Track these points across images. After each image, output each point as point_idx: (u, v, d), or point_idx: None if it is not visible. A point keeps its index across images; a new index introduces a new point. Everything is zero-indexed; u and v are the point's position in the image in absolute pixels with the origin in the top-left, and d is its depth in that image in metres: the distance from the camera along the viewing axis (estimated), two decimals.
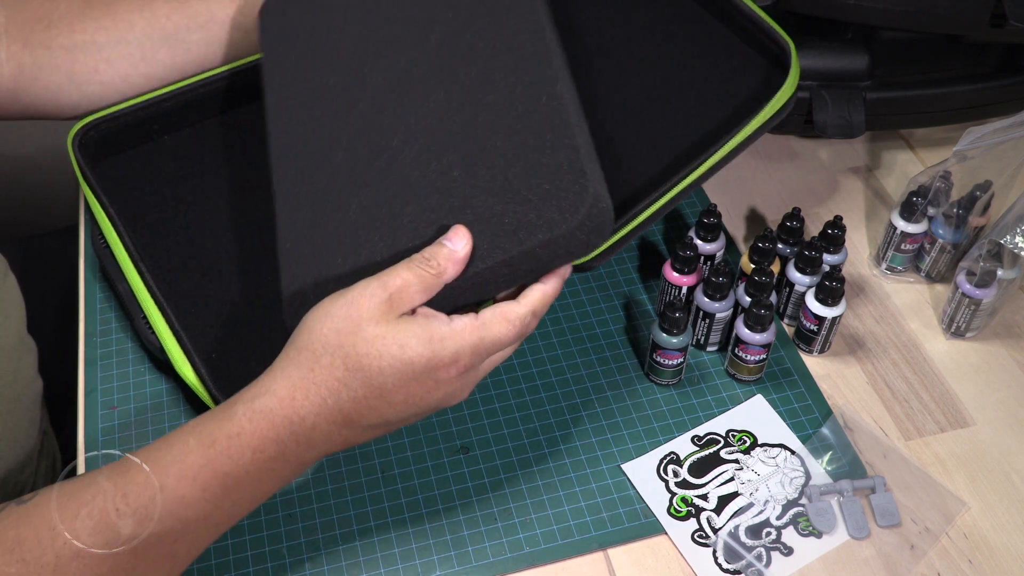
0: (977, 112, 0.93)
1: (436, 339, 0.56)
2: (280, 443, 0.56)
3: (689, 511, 0.70)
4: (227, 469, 0.55)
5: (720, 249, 0.79)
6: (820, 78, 0.90)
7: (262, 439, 0.56)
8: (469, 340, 0.56)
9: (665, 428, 0.75)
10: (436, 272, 0.57)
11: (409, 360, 0.55)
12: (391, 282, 0.56)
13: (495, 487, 0.71)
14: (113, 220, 0.78)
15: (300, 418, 0.56)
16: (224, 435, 0.55)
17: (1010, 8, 0.83)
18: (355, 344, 0.55)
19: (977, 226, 0.82)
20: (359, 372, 0.55)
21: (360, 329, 0.55)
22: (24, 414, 0.79)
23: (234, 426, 0.56)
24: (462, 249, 0.58)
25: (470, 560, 0.67)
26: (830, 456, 0.73)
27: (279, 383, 0.56)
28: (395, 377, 0.56)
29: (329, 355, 0.56)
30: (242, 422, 0.56)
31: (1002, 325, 0.82)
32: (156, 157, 0.87)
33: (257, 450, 0.56)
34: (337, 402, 0.56)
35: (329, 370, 0.56)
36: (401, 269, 0.57)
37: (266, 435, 0.56)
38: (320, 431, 0.56)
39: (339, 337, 0.55)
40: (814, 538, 0.69)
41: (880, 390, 0.78)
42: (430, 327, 0.56)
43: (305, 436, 0.56)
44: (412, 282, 0.56)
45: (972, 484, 0.72)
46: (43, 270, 1.04)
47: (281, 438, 0.56)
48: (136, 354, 0.78)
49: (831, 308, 0.75)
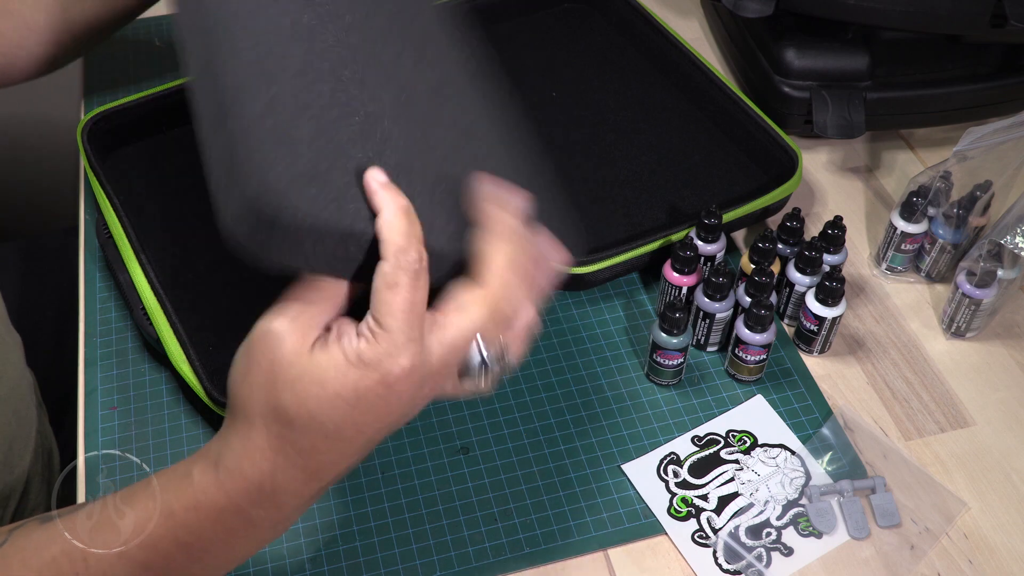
0: (977, 112, 0.93)
1: (351, 360, 0.47)
2: (241, 512, 0.51)
3: (689, 511, 0.70)
4: (188, 539, 0.51)
5: (720, 249, 0.79)
6: (820, 78, 0.90)
7: (221, 511, 0.51)
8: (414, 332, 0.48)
9: (665, 428, 0.75)
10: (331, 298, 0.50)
11: (336, 394, 0.48)
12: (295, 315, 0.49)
13: (495, 487, 0.71)
14: (118, 211, 0.78)
15: (256, 486, 0.50)
16: (182, 507, 0.51)
17: (1010, 8, 0.83)
18: (277, 398, 0.48)
19: (977, 226, 0.82)
20: (294, 424, 0.48)
21: (276, 378, 0.48)
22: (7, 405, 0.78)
23: (191, 498, 0.51)
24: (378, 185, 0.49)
25: (470, 560, 0.67)
26: (830, 456, 0.73)
27: (225, 455, 0.51)
28: (331, 415, 0.48)
29: (260, 416, 0.49)
30: (197, 494, 0.51)
31: (1002, 325, 0.82)
32: (164, 150, 0.88)
33: (218, 521, 0.51)
34: (287, 460, 0.50)
35: (266, 433, 0.49)
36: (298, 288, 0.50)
37: (224, 507, 0.51)
38: (284, 491, 0.51)
39: (262, 393, 0.49)
40: (814, 538, 0.69)
41: (880, 390, 0.78)
42: (341, 348, 0.48)
43: (268, 500, 0.51)
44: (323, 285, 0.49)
45: (972, 484, 0.72)
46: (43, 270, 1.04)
47: (242, 507, 0.51)
48: (136, 354, 0.78)
49: (831, 308, 0.75)
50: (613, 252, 0.78)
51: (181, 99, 0.88)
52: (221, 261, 0.79)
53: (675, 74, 0.95)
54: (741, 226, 0.83)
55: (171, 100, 0.88)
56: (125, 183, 0.84)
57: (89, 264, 0.84)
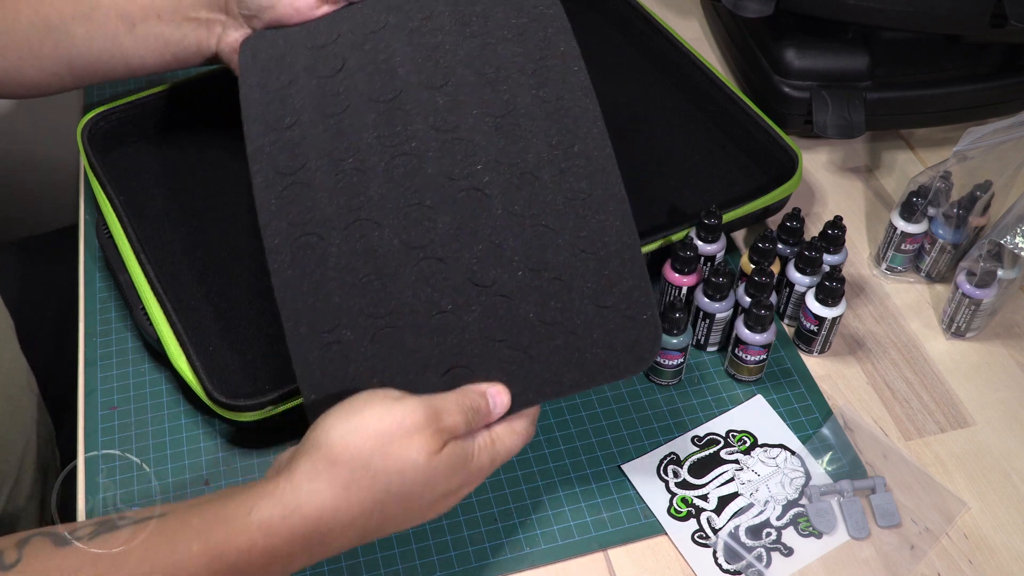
0: (977, 112, 0.93)
1: (468, 460, 0.57)
2: (291, 556, 0.53)
3: (689, 511, 0.70)
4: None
5: (720, 249, 0.79)
6: (820, 78, 0.90)
7: (274, 554, 0.52)
8: (488, 456, 0.58)
9: (665, 428, 0.75)
10: (475, 425, 0.58)
11: (450, 484, 0.57)
12: (445, 420, 0.56)
13: (495, 487, 0.71)
14: (118, 211, 0.78)
15: (322, 535, 0.53)
16: (234, 549, 0.52)
17: (1010, 8, 0.83)
18: (402, 471, 0.54)
19: (977, 226, 0.82)
20: (400, 498, 0.55)
21: (411, 458, 0.54)
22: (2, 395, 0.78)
23: (246, 540, 0.52)
24: (498, 412, 0.60)
25: (470, 560, 0.67)
26: (830, 456, 0.73)
27: (305, 497, 0.53)
28: (433, 498, 0.56)
29: (370, 477, 0.54)
30: (255, 536, 0.52)
31: (1002, 325, 0.82)
32: (165, 149, 0.88)
33: (266, 565, 0.53)
34: (367, 522, 0.54)
35: (368, 492, 0.54)
36: (455, 412, 0.57)
37: (279, 550, 0.52)
38: (337, 543, 0.55)
39: (385, 461, 0.54)
40: (814, 538, 0.69)
41: (880, 390, 0.78)
42: (464, 452, 0.57)
43: (320, 548, 0.54)
44: (460, 428, 0.57)
45: (972, 484, 0.72)
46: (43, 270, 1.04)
47: (295, 552, 0.53)
48: (136, 354, 0.78)
49: (831, 308, 0.75)
50: None
51: (181, 99, 0.88)
52: (221, 261, 0.79)
53: (675, 74, 0.95)
54: (741, 226, 0.83)
55: (171, 100, 0.87)
56: (125, 183, 0.84)
57: (89, 264, 0.84)
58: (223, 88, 0.88)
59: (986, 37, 0.89)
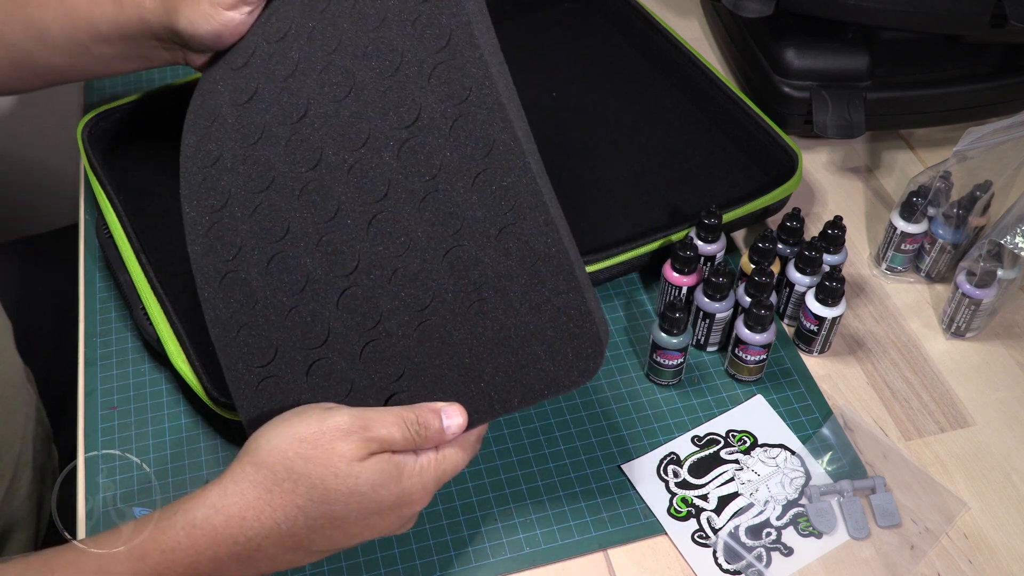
0: (977, 112, 0.93)
1: (406, 477, 0.55)
2: (217, 561, 0.53)
3: (689, 511, 0.70)
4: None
5: (720, 249, 0.79)
6: (820, 78, 0.90)
7: (198, 556, 0.52)
8: (433, 475, 0.57)
9: (665, 428, 0.75)
10: (422, 442, 0.56)
11: (379, 498, 0.55)
12: (375, 431, 0.55)
13: (495, 487, 0.71)
14: (118, 211, 0.78)
15: (247, 539, 0.53)
16: (157, 549, 0.52)
17: (1010, 8, 0.83)
18: (324, 477, 0.53)
19: (977, 226, 0.82)
20: (324, 504, 0.54)
21: (332, 463, 0.53)
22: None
23: (169, 540, 0.52)
24: (453, 431, 0.57)
25: (470, 560, 0.67)
26: (830, 456, 0.73)
27: (230, 499, 0.53)
28: (360, 512, 0.55)
29: (292, 481, 0.53)
30: (179, 536, 0.52)
31: (1002, 325, 0.82)
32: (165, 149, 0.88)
33: (191, 567, 0.52)
34: (291, 528, 0.54)
35: (290, 496, 0.53)
36: (390, 423, 0.55)
37: (203, 552, 0.52)
38: (265, 553, 0.54)
39: (307, 465, 0.53)
40: (814, 538, 0.69)
41: (880, 390, 0.78)
42: (402, 467, 0.55)
43: (247, 556, 0.53)
44: (396, 441, 0.55)
45: (972, 484, 0.72)
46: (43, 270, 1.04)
47: (219, 557, 0.53)
48: (136, 354, 0.78)
49: (831, 308, 0.75)
50: (613, 252, 0.78)
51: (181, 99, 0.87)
52: None
53: (675, 74, 0.95)
54: (741, 226, 0.83)
55: (171, 100, 0.87)
56: (125, 183, 0.84)
57: (89, 264, 0.84)
58: None
59: (986, 37, 0.89)
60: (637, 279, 0.84)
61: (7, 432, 0.79)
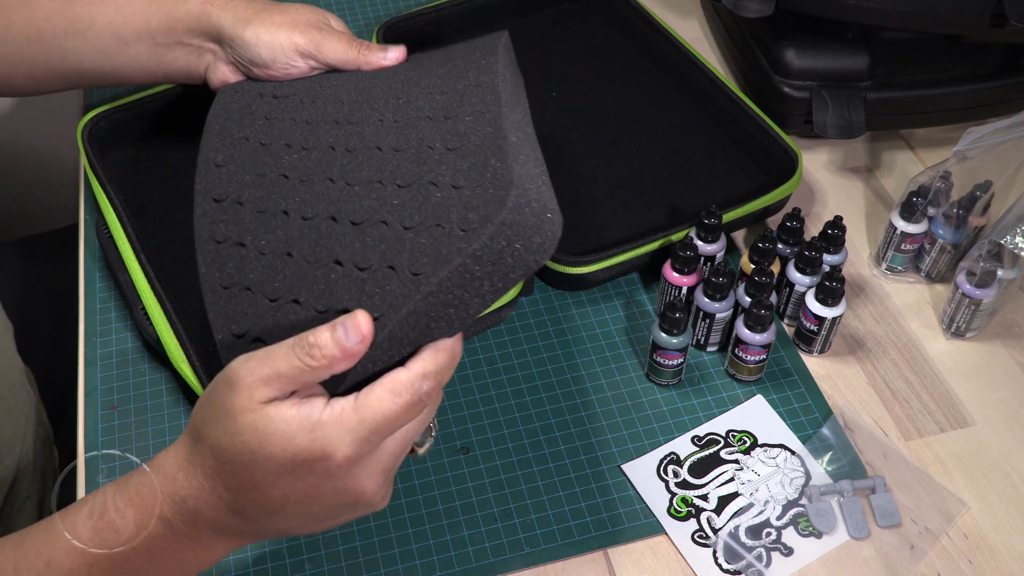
0: (977, 112, 0.93)
1: (305, 430, 0.49)
2: (165, 521, 0.52)
3: (689, 511, 0.70)
4: (112, 543, 0.52)
5: (720, 249, 0.79)
6: (820, 78, 0.90)
7: (147, 513, 0.52)
8: (347, 425, 0.49)
9: (665, 428, 0.75)
10: (317, 365, 0.49)
11: (270, 455, 0.49)
12: (259, 371, 0.50)
13: (495, 487, 0.71)
14: (118, 210, 0.78)
15: (181, 499, 0.52)
16: (113, 506, 0.53)
17: (1010, 8, 0.83)
18: (218, 437, 0.51)
19: (977, 226, 0.82)
20: (226, 464, 0.51)
21: (222, 422, 0.50)
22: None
23: (123, 497, 0.53)
24: (357, 343, 0.50)
25: (470, 560, 0.67)
26: (830, 456, 0.73)
27: (168, 459, 0.53)
28: (262, 472, 0.50)
29: (202, 441, 0.52)
30: (131, 493, 0.53)
31: (1002, 325, 0.82)
32: (165, 149, 0.88)
33: (142, 525, 0.52)
34: (215, 488, 0.52)
35: (202, 456, 0.52)
36: (278, 355, 0.50)
37: (150, 510, 0.52)
38: (205, 516, 0.53)
39: (207, 427, 0.51)
40: (814, 538, 0.69)
41: (880, 390, 0.78)
42: (300, 416, 0.49)
43: (191, 518, 0.53)
44: (283, 373, 0.49)
45: (972, 484, 0.72)
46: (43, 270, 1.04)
47: (165, 516, 0.52)
48: (136, 354, 0.78)
49: (831, 308, 0.75)
50: (613, 252, 0.78)
51: (181, 99, 0.88)
52: None
53: (675, 74, 0.95)
54: (741, 226, 0.83)
55: (171, 100, 0.88)
56: (125, 183, 0.84)
57: (89, 264, 0.84)
58: None
59: (986, 37, 0.89)
60: (637, 279, 0.84)
61: (7, 434, 0.79)
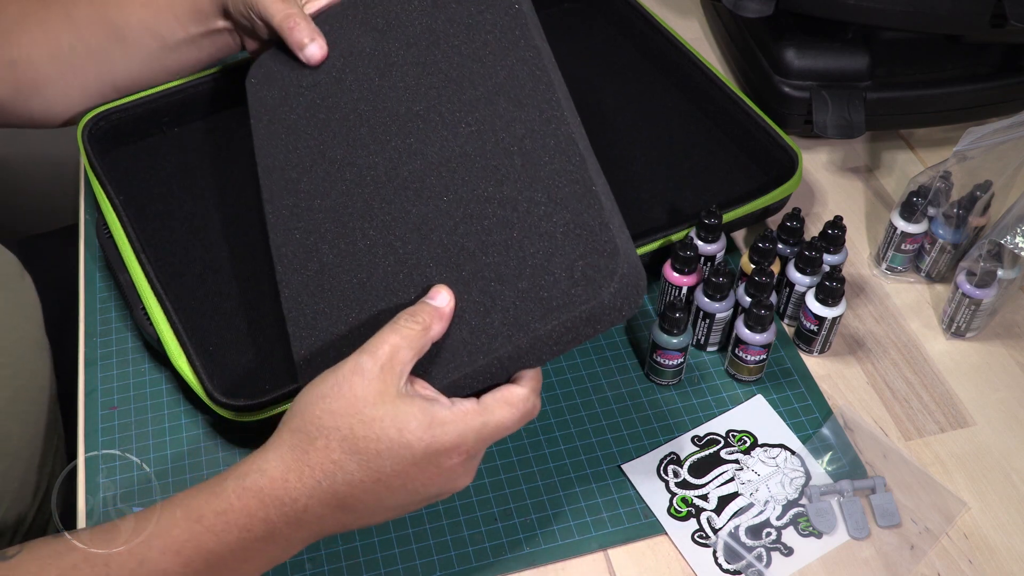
0: (977, 112, 0.93)
1: (437, 423, 0.54)
2: (269, 523, 0.54)
3: (689, 511, 0.70)
4: (211, 546, 0.54)
5: (720, 249, 0.79)
6: (820, 78, 0.90)
7: (250, 517, 0.54)
8: (472, 425, 0.55)
9: (665, 428, 0.75)
10: (423, 327, 0.56)
11: (407, 444, 0.54)
12: (379, 350, 0.54)
13: (495, 487, 0.71)
14: (118, 210, 0.78)
15: (292, 499, 0.54)
16: (211, 511, 0.54)
17: (1010, 8, 0.83)
18: (351, 426, 0.53)
19: (977, 226, 0.82)
20: (356, 455, 0.54)
21: (356, 411, 0.54)
22: (41, 414, 0.78)
23: (222, 502, 0.54)
24: (446, 304, 0.57)
25: (470, 560, 0.68)
26: (830, 456, 0.73)
27: (271, 463, 0.54)
28: (393, 461, 0.54)
29: (324, 437, 0.54)
30: (231, 499, 0.54)
31: (1002, 325, 0.82)
32: (165, 149, 0.88)
33: (245, 528, 0.54)
34: (332, 485, 0.54)
35: (324, 452, 0.54)
36: (386, 333, 0.55)
37: (254, 514, 0.54)
38: (312, 513, 0.55)
39: (334, 419, 0.54)
40: (814, 538, 0.69)
41: (880, 390, 0.78)
42: (431, 411, 0.54)
43: (296, 517, 0.54)
44: (400, 344, 0.55)
45: (972, 484, 0.72)
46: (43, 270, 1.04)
47: (270, 518, 0.54)
48: (136, 354, 0.78)
49: (831, 308, 0.75)
50: None
51: (182, 98, 0.88)
52: (221, 260, 0.79)
53: (675, 74, 0.95)
54: (741, 226, 0.83)
55: (171, 100, 0.87)
56: (125, 183, 0.84)
57: (89, 264, 0.84)
58: (223, 88, 0.88)
59: (986, 37, 0.89)
60: None
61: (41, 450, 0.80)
